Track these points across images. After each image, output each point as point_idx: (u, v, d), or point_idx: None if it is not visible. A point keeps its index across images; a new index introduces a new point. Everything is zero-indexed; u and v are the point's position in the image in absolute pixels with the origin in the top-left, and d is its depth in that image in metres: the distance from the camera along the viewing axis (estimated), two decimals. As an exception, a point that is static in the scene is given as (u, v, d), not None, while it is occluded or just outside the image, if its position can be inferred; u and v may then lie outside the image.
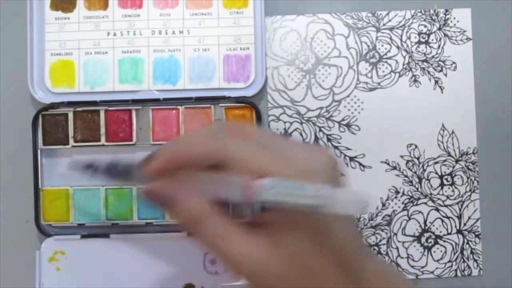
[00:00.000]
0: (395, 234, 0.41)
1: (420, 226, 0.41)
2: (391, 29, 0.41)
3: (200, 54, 0.41)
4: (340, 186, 0.28)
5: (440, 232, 0.41)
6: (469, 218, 0.41)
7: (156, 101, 0.40)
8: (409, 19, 0.41)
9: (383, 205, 0.41)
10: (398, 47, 0.41)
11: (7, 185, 0.42)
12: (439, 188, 0.41)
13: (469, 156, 0.41)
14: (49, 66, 0.41)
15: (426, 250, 0.41)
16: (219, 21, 0.41)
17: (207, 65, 0.41)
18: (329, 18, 0.42)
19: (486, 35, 0.42)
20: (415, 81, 0.41)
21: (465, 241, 0.41)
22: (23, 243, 0.41)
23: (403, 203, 0.41)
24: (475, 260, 0.41)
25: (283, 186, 0.26)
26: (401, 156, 0.41)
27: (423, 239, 0.41)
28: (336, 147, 0.41)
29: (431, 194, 0.41)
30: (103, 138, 0.41)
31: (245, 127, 0.32)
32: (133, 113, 0.41)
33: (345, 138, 0.41)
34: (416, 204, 0.41)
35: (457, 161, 0.41)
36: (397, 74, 0.41)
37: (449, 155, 0.41)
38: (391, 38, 0.41)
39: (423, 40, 0.42)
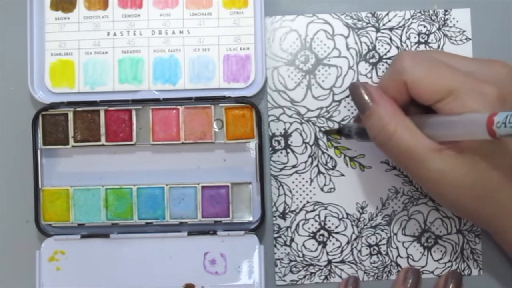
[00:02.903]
0: (395, 234, 0.41)
1: (420, 226, 0.41)
2: (390, 29, 0.41)
3: (200, 54, 0.41)
4: None
5: (440, 232, 0.41)
6: (469, 218, 0.41)
7: (156, 101, 0.40)
8: (408, 19, 0.42)
9: (383, 205, 0.41)
10: (397, 47, 0.41)
11: (7, 185, 0.42)
12: (439, 188, 0.41)
13: (469, 156, 0.41)
14: (49, 66, 0.41)
15: (426, 250, 0.41)
16: (219, 21, 0.41)
17: (207, 65, 0.41)
18: (329, 18, 0.42)
19: (485, 35, 0.42)
20: (415, 81, 0.41)
21: (465, 241, 0.41)
22: (23, 243, 0.41)
23: (403, 203, 0.41)
24: (475, 260, 0.41)
25: None
26: (401, 156, 0.41)
27: (423, 239, 0.41)
28: (336, 147, 0.41)
29: (431, 194, 0.41)
30: (103, 138, 0.41)
31: (417, 52, 0.38)
32: (133, 113, 0.41)
33: (345, 138, 0.41)
34: (416, 204, 0.41)
35: (457, 161, 0.41)
36: (397, 74, 0.41)
37: (449, 155, 0.41)
38: (390, 38, 0.41)
39: (423, 40, 0.42)
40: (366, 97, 0.36)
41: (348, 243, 0.41)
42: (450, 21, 0.41)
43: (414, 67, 0.34)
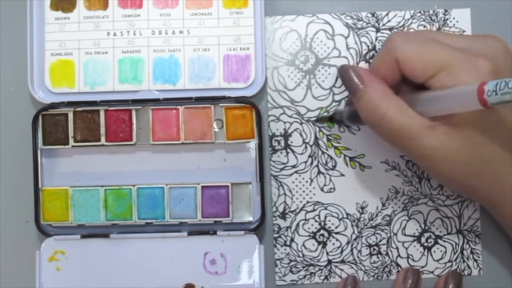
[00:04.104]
0: (395, 234, 0.41)
1: (420, 226, 0.41)
2: (390, 29, 0.41)
3: (200, 54, 0.41)
4: None
5: (440, 232, 0.41)
6: (469, 218, 0.41)
7: (156, 101, 0.40)
8: (408, 19, 0.42)
9: (383, 205, 0.41)
10: (398, 47, 0.41)
11: (7, 185, 0.42)
12: (439, 188, 0.41)
13: (469, 156, 0.41)
14: (49, 66, 0.41)
15: (426, 250, 0.41)
16: (219, 21, 0.41)
17: (207, 65, 0.41)
18: (329, 18, 0.42)
19: (485, 35, 0.42)
20: (415, 81, 0.41)
21: (465, 241, 0.41)
22: (23, 243, 0.41)
23: (403, 203, 0.41)
24: (475, 260, 0.41)
25: (507, 85, 0.27)
26: (401, 156, 0.41)
27: (423, 239, 0.41)
28: (336, 147, 0.41)
29: (431, 194, 0.41)
30: (103, 138, 0.41)
31: (409, 32, 0.39)
32: (133, 113, 0.41)
33: (345, 138, 0.41)
34: (416, 204, 0.41)
35: (457, 161, 0.41)
36: (397, 74, 0.41)
37: (449, 155, 0.41)
38: (391, 38, 0.41)
39: (423, 40, 0.42)
40: (356, 80, 0.36)
41: (348, 243, 0.41)
42: (450, 21, 0.41)
43: (406, 44, 0.34)
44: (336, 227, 0.41)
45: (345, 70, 0.37)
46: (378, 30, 0.41)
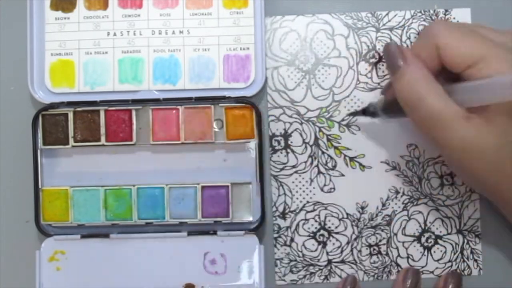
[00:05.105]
0: (395, 234, 0.41)
1: (420, 226, 0.41)
2: (390, 29, 0.41)
3: (200, 54, 0.41)
4: None
5: (440, 232, 0.41)
6: (469, 218, 0.41)
7: (156, 101, 0.40)
8: (408, 19, 0.42)
9: (383, 205, 0.41)
10: (398, 47, 0.41)
11: (7, 185, 0.42)
12: (439, 188, 0.41)
13: (469, 156, 0.41)
14: (49, 66, 0.41)
15: (426, 250, 0.41)
16: (219, 21, 0.41)
17: (207, 65, 0.41)
18: (328, 19, 0.42)
19: (485, 35, 0.42)
20: (415, 81, 0.41)
21: (465, 241, 0.41)
22: (23, 243, 0.41)
23: (403, 203, 0.41)
24: (475, 260, 0.41)
25: None
26: (401, 156, 0.41)
27: (423, 239, 0.41)
28: (336, 147, 0.41)
29: (431, 194, 0.41)
30: (103, 138, 0.41)
31: (449, 21, 0.40)
32: (133, 113, 0.41)
33: (345, 138, 0.41)
34: (416, 204, 0.41)
35: (457, 161, 0.41)
36: (397, 74, 0.41)
37: (449, 155, 0.41)
38: (390, 38, 0.41)
39: (423, 40, 0.42)
40: (399, 58, 0.36)
41: (348, 243, 0.41)
42: (450, 21, 0.41)
43: (448, 31, 0.35)
44: (336, 227, 0.41)
45: (389, 47, 0.37)
46: (378, 30, 0.41)
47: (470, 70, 0.34)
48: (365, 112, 0.40)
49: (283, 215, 0.41)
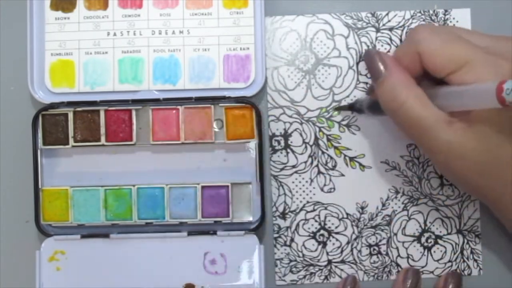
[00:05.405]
0: (395, 234, 0.41)
1: (420, 226, 0.41)
2: (390, 29, 0.41)
3: (200, 54, 0.41)
4: None
5: (440, 232, 0.41)
6: (469, 218, 0.41)
7: (156, 101, 0.40)
8: (408, 19, 0.42)
9: (383, 205, 0.41)
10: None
11: (7, 185, 0.42)
12: (439, 188, 0.41)
13: (469, 156, 0.41)
14: (49, 66, 0.41)
15: (426, 250, 0.41)
16: (219, 21, 0.41)
17: (207, 65, 0.41)
18: (328, 18, 0.42)
19: (485, 35, 0.42)
20: (415, 81, 0.41)
21: (465, 241, 0.41)
22: (23, 243, 0.41)
23: (403, 203, 0.41)
24: (475, 260, 0.41)
25: None
26: (401, 156, 0.41)
27: (423, 239, 0.41)
28: (336, 147, 0.41)
29: (431, 194, 0.41)
30: (103, 138, 0.41)
31: (434, 26, 0.39)
32: (133, 113, 0.41)
33: (345, 138, 0.41)
34: (416, 204, 0.41)
35: (457, 161, 0.41)
36: (397, 74, 0.41)
37: (449, 155, 0.41)
38: (390, 39, 0.41)
39: (423, 40, 0.42)
40: (380, 64, 0.36)
41: (348, 243, 0.41)
42: (450, 21, 0.41)
43: (430, 38, 0.35)
44: (336, 227, 0.41)
45: (371, 54, 0.37)
46: (378, 30, 0.41)
47: (453, 75, 0.34)
48: (351, 107, 0.41)
49: (283, 215, 0.41)
